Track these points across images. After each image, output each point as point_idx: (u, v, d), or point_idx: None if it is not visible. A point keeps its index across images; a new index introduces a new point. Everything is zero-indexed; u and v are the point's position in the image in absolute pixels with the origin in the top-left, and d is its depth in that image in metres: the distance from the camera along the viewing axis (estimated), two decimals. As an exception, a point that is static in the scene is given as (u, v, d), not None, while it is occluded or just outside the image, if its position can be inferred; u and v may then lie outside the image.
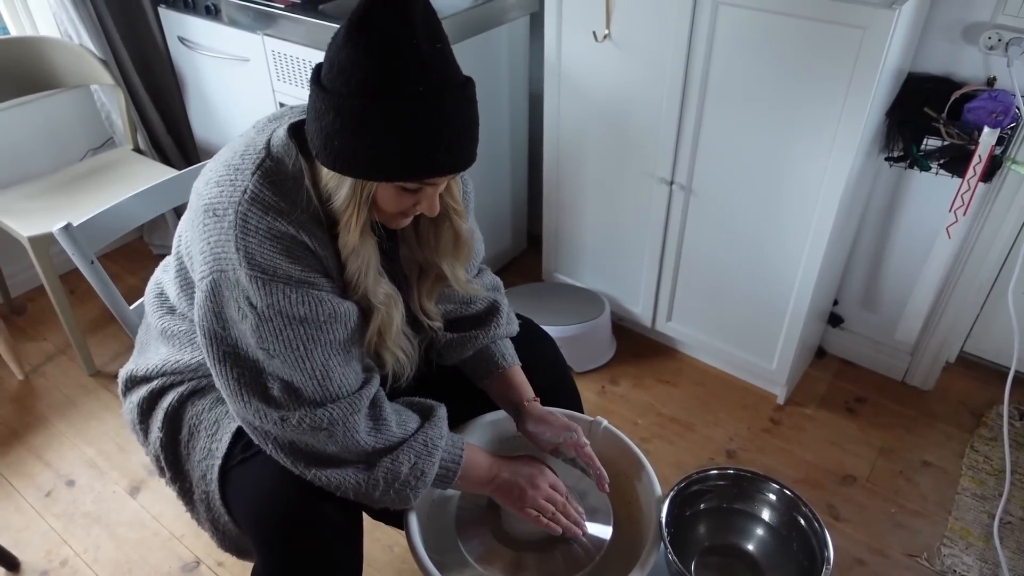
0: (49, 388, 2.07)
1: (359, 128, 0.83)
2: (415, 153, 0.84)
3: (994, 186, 1.68)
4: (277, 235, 0.89)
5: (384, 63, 0.80)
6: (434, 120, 0.83)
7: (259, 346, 0.90)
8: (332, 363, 0.94)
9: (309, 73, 2.14)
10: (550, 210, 2.13)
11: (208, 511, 1.06)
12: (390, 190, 0.90)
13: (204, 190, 0.93)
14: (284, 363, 0.91)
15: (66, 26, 2.14)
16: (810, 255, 1.69)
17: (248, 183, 0.90)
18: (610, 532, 1.11)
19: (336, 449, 0.95)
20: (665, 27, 1.62)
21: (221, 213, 0.89)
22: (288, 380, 0.92)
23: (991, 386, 2.03)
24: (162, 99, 2.42)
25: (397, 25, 0.80)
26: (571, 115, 1.91)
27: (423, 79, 0.81)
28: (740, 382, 2.08)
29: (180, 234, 1.02)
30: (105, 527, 1.70)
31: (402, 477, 0.97)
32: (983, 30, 1.54)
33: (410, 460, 0.97)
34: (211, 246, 0.89)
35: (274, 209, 0.89)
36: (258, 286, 0.88)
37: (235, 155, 0.94)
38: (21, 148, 2.28)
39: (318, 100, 0.86)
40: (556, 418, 1.14)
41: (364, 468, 0.96)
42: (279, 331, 0.90)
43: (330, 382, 0.94)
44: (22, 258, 2.25)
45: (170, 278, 1.07)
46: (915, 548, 1.64)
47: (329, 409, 0.93)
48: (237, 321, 0.90)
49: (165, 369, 1.09)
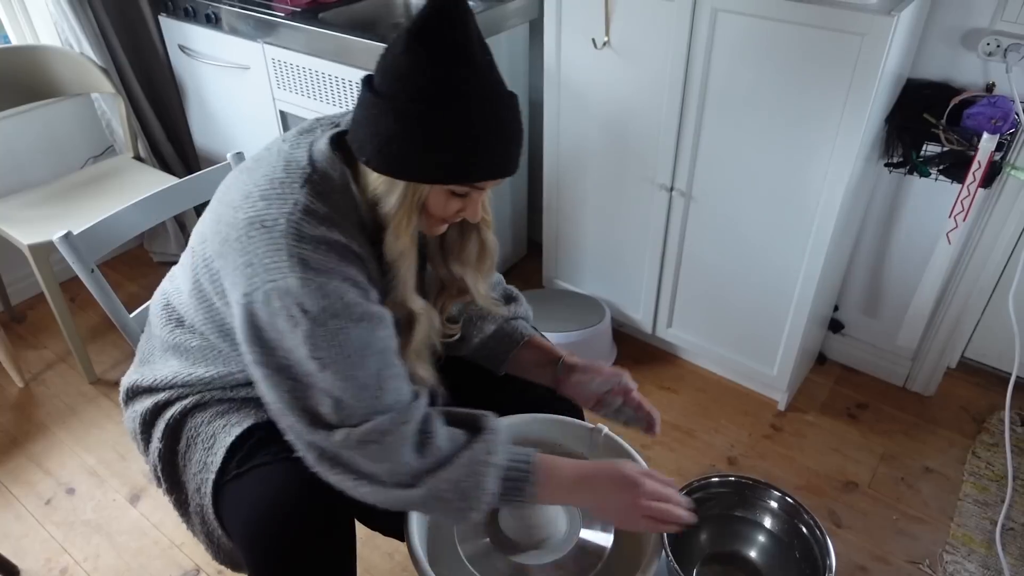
0: (49, 396, 2.07)
1: (418, 132, 0.85)
2: (472, 156, 0.87)
3: (994, 192, 1.68)
4: (330, 242, 0.89)
5: (445, 69, 0.84)
6: (490, 124, 0.87)
7: (312, 356, 0.87)
8: (386, 374, 0.92)
9: (309, 81, 2.15)
10: (550, 216, 2.13)
11: (203, 523, 1.06)
12: (440, 195, 0.92)
13: (243, 204, 0.91)
14: (336, 373, 0.88)
15: (67, 35, 2.15)
16: (810, 261, 1.69)
17: (298, 196, 0.90)
18: (611, 540, 1.10)
19: (383, 465, 0.91)
20: (664, 34, 1.63)
21: (271, 224, 0.88)
22: (339, 394, 0.89)
23: (992, 392, 2.02)
24: (162, 107, 2.43)
25: (455, 35, 0.84)
26: (571, 122, 1.92)
27: (480, 86, 0.86)
28: (741, 388, 2.07)
29: (195, 247, 1.00)
30: (105, 535, 1.69)
31: (448, 496, 0.92)
32: (982, 36, 1.54)
33: (451, 481, 0.92)
34: (259, 257, 0.87)
35: (326, 220, 0.90)
36: (312, 289, 0.86)
37: (275, 169, 0.93)
38: (22, 156, 2.28)
39: (373, 107, 0.87)
40: (602, 365, 1.15)
41: (411, 489, 0.92)
42: (333, 335, 0.88)
43: (383, 393, 0.91)
44: (22, 266, 2.25)
45: (182, 294, 1.05)
46: (917, 555, 1.63)
47: (378, 421, 0.90)
48: (287, 332, 0.88)
49: (175, 382, 1.08)
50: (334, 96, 1.95)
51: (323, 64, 1.91)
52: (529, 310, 1.28)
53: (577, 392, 1.15)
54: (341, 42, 1.84)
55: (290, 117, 2.13)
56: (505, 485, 0.95)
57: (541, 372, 1.19)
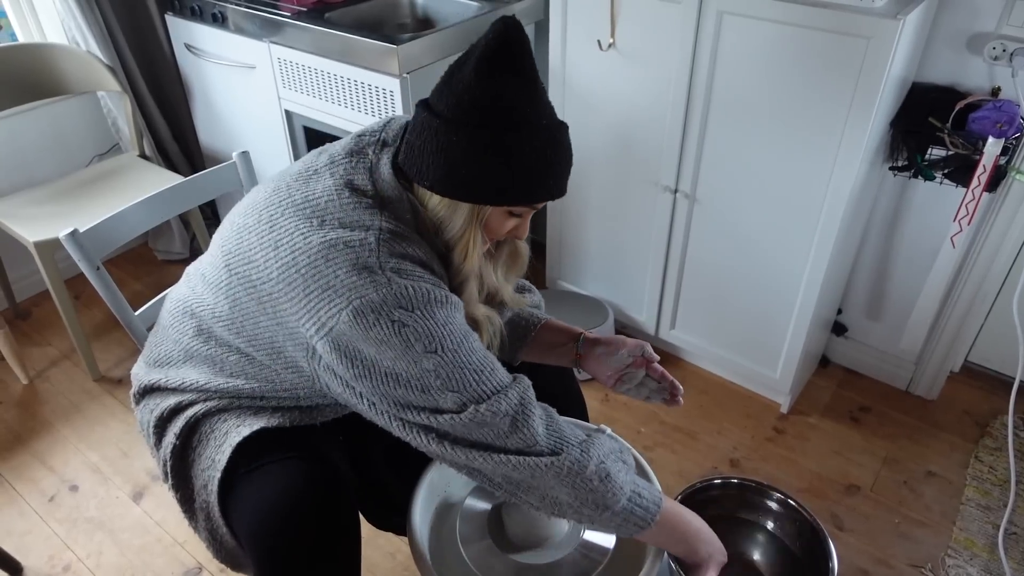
0: (53, 393, 2.08)
1: (488, 156, 0.89)
2: (538, 180, 0.93)
3: (998, 196, 1.68)
4: (414, 257, 0.92)
5: (513, 96, 0.88)
6: (554, 149, 0.93)
7: (426, 351, 0.87)
8: (491, 355, 0.94)
9: (314, 80, 2.14)
10: (554, 217, 2.13)
11: (207, 521, 1.06)
12: (500, 215, 0.96)
13: (316, 228, 0.90)
14: (451, 363, 0.88)
15: (74, 33, 2.16)
16: (814, 264, 1.69)
17: (378, 220, 0.92)
18: (613, 541, 1.10)
19: (518, 441, 0.91)
20: (670, 36, 1.63)
21: (356, 244, 0.89)
22: (456, 386, 0.89)
23: (995, 396, 2.02)
24: (168, 106, 2.44)
25: (523, 61, 0.88)
26: (575, 123, 1.90)
27: (545, 113, 0.91)
28: (743, 391, 2.07)
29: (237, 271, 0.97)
30: (108, 532, 1.70)
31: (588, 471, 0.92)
32: (988, 40, 1.54)
33: (597, 456, 0.93)
34: (342, 277, 0.87)
35: (407, 239, 0.93)
36: (410, 291, 0.88)
37: (341, 194, 0.93)
38: (28, 154, 2.29)
39: (440, 133, 0.89)
40: (621, 338, 1.18)
41: (549, 454, 0.92)
42: (442, 324, 0.89)
43: (497, 372, 0.92)
44: (27, 263, 2.26)
45: (217, 312, 1.02)
46: (919, 559, 1.63)
47: (504, 394, 0.91)
48: (390, 338, 0.87)
49: (199, 388, 1.07)
50: (340, 96, 1.96)
51: (329, 64, 1.91)
52: (541, 300, 1.31)
53: (599, 366, 1.17)
54: (347, 42, 1.84)
55: (295, 117, 2.13)
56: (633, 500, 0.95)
57: (561, 352, 1.21)
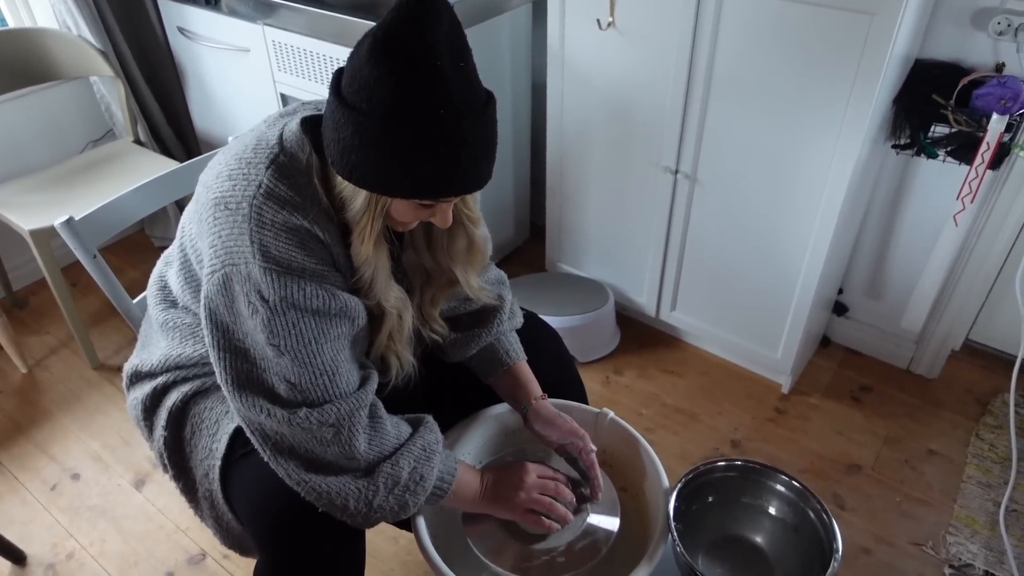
0: (52, 382, 2.07)
1: (378, 146, 0.83)
2: (432, 174, 0.84)
3: (1002, 173, 1.66)
4: (292, 228, 0.88)
5: (406, 85, 0.79)
6: (453, 144, 0.83)
7: (269, 342, 0.89)
8: (340, 359, 0.93)
9: (309, 63, 2.12)
10: (553, 199, 2.12)
11: (212, 508, 1.06)
12: (405, 203, 0.90)
13: (214, 183, 0.92)
14: (294, 360, 0.90)
15: (64, 17, 2.13)
16: (816, 243, 1.68)
17: (262, 177, 0.89)
18: (617, 524, 1.10)
19: (337, 452, 0.92)
20: (670, 13, 1.61)
21: (234, 207, 0.88)
22: (295, 380, 0.91)
23: (997, 374, 2.02)
24: (162, 90, 2.41)
25: (421, 46, 0.79)
26: (574, 104, 1.90)
27: (444, 102, 0.81)
28: (745, 372, 2.07)
29: (184, 227, 1.01)
30: (111, 520, 1.70)
31: (402, 482, 0.95)
32: (992, 15, 1.52)
33: (409, 464, 0.96)
34: (222, 240, 0.88)
35: (289, 204, 0.89)
36: (272, 278, 0.87)
37: (246, 149, 0.92)
38: (20, 141, 2.26)
39: (337, 112, 0.85)
40: (564, 422, 1.13)
41: (363, 475, 0.94)
42: (291, 325, 0.89)
43: (338, 378, 0.93)
44: (23, 251, 2.25)
45: (173, 271, 1.06)
46: (921, 537, 1.64)
47: (336, 404, 0.92)
48: (247, 317, 0.89)
49: (168, 364, 1.08)
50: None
51: (324, 46, 1.89)
52: (516, 315, 1.24)
53: (539, 437, 1.15)
54: (342, 24, 1.82)
55: (291, 100, 2.11)
56: (435, 484, 0.99)
57: (513, 405, 1.19)
